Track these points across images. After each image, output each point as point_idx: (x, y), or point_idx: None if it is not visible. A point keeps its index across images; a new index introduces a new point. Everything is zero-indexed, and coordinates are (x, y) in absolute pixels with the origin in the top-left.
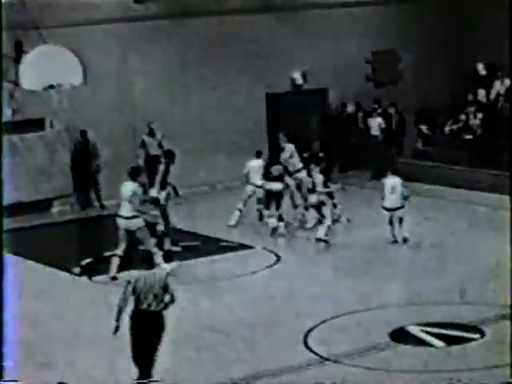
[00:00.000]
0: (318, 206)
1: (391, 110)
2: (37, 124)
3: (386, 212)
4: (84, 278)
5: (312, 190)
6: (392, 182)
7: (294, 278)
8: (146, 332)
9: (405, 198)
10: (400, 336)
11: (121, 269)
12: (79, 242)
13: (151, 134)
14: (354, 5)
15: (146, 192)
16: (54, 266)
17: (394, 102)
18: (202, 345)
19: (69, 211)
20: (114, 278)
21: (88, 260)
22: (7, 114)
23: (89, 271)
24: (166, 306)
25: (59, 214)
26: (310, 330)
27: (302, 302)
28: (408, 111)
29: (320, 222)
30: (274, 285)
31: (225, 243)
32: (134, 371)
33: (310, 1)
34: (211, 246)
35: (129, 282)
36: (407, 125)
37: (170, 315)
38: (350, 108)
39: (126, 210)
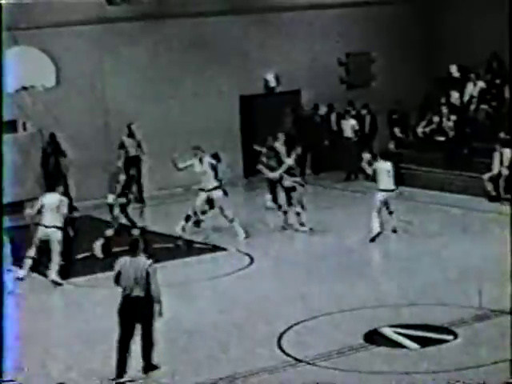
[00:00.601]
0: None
1: (364, 112)
2: (9, 126)
3: (382, 194)
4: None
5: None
6: (386, 165)
7: (267, 280)
8: (135, 317)
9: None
10: (374, 338)
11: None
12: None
13: (131, 135)
14: (327, 7)
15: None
16: (28, 269)
17: (367, 103)
18: (175, 348)
19: None
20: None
21: (61, 262)
22: None
23: (61, 274)
24: (157, 297)
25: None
26: (283, 332)
27: (275, 304)
28: (380, 113)
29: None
30: (247, 287)
31: (199, 245)
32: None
33: (283, 3)
34: (185, 249)
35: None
36: (379, 127)
37: None
38: (323, 110)
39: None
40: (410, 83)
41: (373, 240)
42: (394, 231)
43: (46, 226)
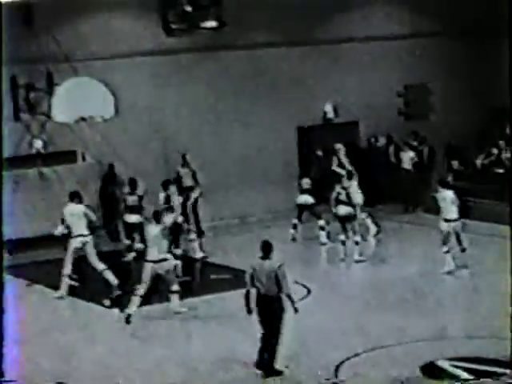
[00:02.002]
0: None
1: (421, 144)
2: (69, 156)
3: (445, 225)
4: (115, 311)
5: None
6: (449, 194)
7: (324, 312)
8: (268, 314)
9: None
10: (430, 370)
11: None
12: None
13: (185, 164)
14: (385, 38)
15: None
16: (85, 299)
17: (425, 135)
18: (232, 378)
19: (98, 244)
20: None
21: (118, 292)
22: (38, 145)
23: (119, 304)
24: (289, 295)
25: None
26: (340, 364)
27: (332, 335)
28: (439, 145)
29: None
30: (304, 318)
31: None
32: None
33: (340, 35)
34: (243, 280)
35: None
36: (438, 158)
37: (201, 347)
38: (382, 141)
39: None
40: (467, 115)
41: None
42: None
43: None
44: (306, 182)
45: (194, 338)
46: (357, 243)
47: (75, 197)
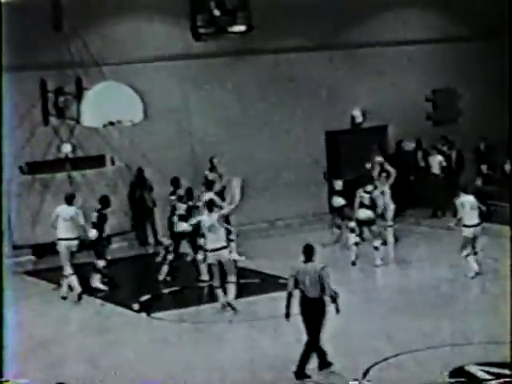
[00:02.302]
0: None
1: (450, 149)
2: (97, 160)
3: (467, 230)
4: (143, 315)
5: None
6: (469, 199)
7: (352, 316)
8: (312, 315)
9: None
10: (459, 375)
11: None
12: (138, 278)
13: (213, 168)
14: (413, 43)
15: None
16: (113, 302)
17: (453, 140)
18: (261, 382)
19: (127, 248)
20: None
21: (147, 296)
22: (67, 150)
23: (148, 308)
24: (332, 296)
25: (118, 251)
26: (368, 369)
27: (360, 340)
28: (467, 149)
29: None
30: (332, 322)
31: (283, 281)
32: None
33: (368, 39)
34: (271, 284)
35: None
36: (466, 163)
37: (230, 351)
38: (411, 146)
39: None
40: (496, 119)
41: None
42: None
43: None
44: (338, 184)
45: (223, 342)
46: (376, 248)
47: (70, 199)
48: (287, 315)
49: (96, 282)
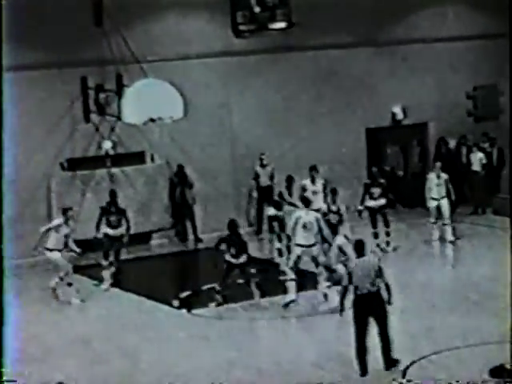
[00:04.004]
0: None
1: (492, 146)
2: (137, 157)
3: None
4: (183, 311)
5: None
6: None
7: (391, 313)
8: (371, 312)
9: None
10: (500, 373)
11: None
12: (178, 274)
13: (263, 165)
14: (454, 39)
15: None
16: (154, 299)
17: (494, 137)
18: (301, 380)
19: (167, 244)
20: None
21: (187, 293)
22: (108, 146)
23: (188, 304)
24: (388, 287)
25: (158, 247)
26: (407, 367)
27: (399, 337)
28: (508, 146)
29: None
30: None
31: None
32: None
33: (410, 35)
34: (311, 280)
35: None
36: (507, 160)
37: (268, 348)
38: (452, 143)
39: None
40: None
41: None
42: None
43: None
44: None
45: (261, 339)
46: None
47: (65, 211)
48: (342, 310)
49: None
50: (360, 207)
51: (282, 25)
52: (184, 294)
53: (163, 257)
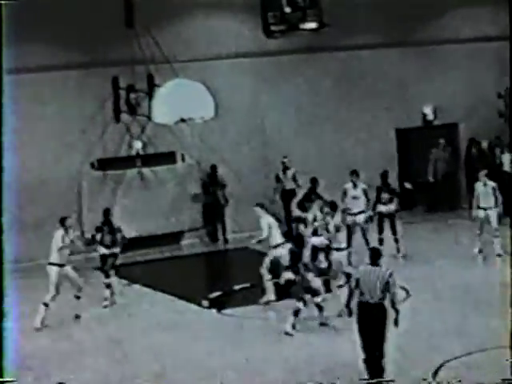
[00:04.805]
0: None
1: None
2: (168, 157)
3: None
4: (213, 311)
5: None
6: None
7: (423, 314)
8: (370, 322)
9: None
10: None
11: None
12: (208, 274)
13: (286, 168)
14: (485, 39)
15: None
16: (184, 299)
17: None
18: (331, 378)
19: (198, 244)
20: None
21: (217, 293)
22: (138, 146)
23: (217, 304)
24: (394, 304)
25: (189, 247)
26: (439, 368)
27: (431, 338)
28: None
29: None
30: (404, 320)
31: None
32: None
33: (441, 36)
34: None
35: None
36: None
37: (297, 348)
38: (484, 143)
39: None
40: None
41: None
42: None
43: None
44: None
45: (290, 339)
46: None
47: (62, 222)
48: (350, 313)
49: None
50: (371, 213)
51: (312, 25)
52: (214, 295)
53: (194, 257)
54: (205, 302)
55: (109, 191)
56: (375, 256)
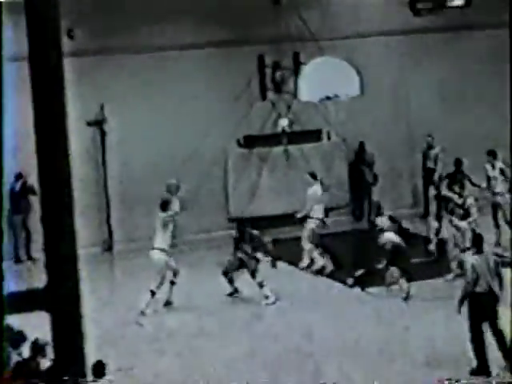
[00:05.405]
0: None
1: None
2: (314, 135)
3: None
4: (357, 289)
5: None
6: None
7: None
8: (480, 313)
9: None
10: None
11: None
12: (353, 253)
13: (430, 147)
14: None
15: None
16: (328, 276)
17: None
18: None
19: (344, 222)
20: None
21: (361, 271)
22: (284, 124)
23: (362, 282)
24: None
25: (334, 225)
26: None
27: None
28: None
29: None
30: None
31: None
32: None
33: None
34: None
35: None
36: None
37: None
38: None
39: None
40: None
41: None
42: None
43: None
44: None
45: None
46: None
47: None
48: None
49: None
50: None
51: (459, 2)
52: (358, 273)
53: (338, 235)
54: (349, 280)
55: (254, 168)
56: (479, 243)
